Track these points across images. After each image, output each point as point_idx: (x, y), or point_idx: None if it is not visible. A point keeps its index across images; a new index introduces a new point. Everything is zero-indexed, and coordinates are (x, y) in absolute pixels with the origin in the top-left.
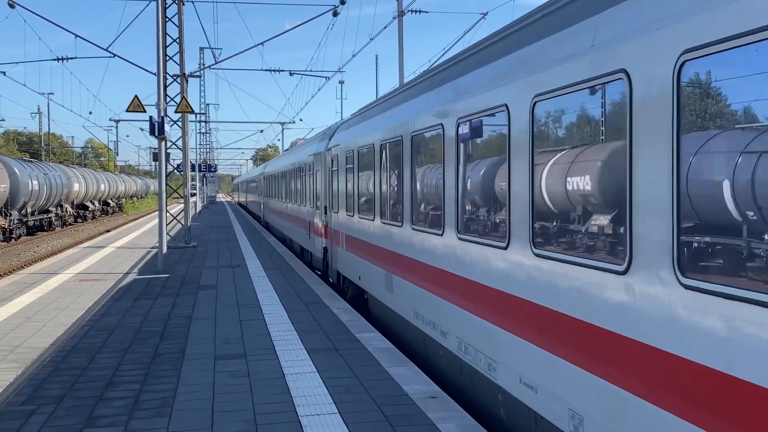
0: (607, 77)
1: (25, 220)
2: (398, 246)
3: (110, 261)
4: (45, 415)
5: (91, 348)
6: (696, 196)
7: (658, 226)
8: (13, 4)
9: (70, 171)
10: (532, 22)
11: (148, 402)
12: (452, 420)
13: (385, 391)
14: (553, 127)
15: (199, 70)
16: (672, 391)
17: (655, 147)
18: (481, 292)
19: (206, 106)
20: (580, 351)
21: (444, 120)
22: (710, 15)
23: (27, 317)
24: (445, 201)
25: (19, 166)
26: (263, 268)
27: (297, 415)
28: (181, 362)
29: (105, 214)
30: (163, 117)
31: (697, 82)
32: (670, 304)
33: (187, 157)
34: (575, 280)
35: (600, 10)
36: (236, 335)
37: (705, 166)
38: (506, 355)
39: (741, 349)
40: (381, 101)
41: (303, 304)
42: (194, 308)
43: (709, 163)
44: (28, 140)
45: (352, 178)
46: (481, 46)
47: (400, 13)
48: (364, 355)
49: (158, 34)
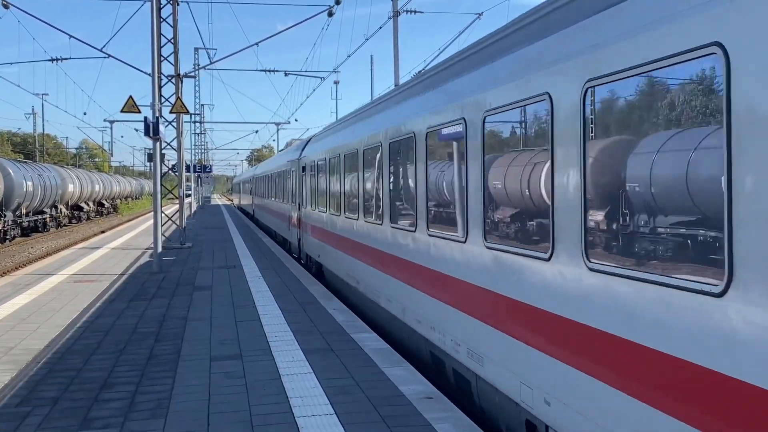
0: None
1: (20, 221)
2: (339, 230)
3: (105, 262)
4: (40, 417)
5: (87, 349)
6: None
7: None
8: (7, 5)
9: (65, 172)
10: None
11: (143, 403)
12: (448, 420)
13: (382, 392)
14: (498, 136)
15: (194, 70)
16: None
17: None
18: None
19: (201, 106)
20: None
21: (357, 141)
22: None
23: (22, 319)
24: (349, 195)
25: (13, 167)
26: (258, 269)
27: (293, 416)
28: (177, 363)
29: (100, 215)
30: (158, 117)
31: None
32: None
33: (182, 158)
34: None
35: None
36: (232, 336)
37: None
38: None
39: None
40: (337, 123)
41: (299, 304)
42: (189, 309)
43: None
44: (23, 141)
45: (316, 182)
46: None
47: (395, 14)
48: (360, 356)
49: (153, 35)
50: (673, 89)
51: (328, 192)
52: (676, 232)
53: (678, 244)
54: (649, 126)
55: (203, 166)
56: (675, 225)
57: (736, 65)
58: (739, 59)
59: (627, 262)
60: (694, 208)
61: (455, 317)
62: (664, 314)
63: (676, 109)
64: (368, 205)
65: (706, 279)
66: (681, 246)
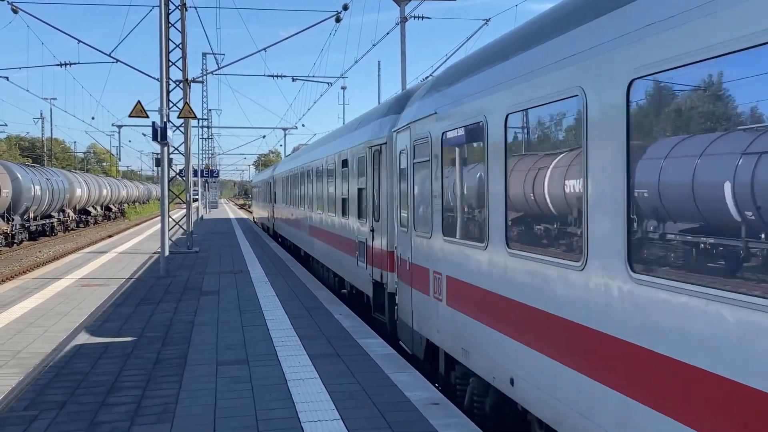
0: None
1: (28, 225)
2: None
3: (112, 266)
4: (47, 421)
5: (93, 353)
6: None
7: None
8: (16, 9)
9: (73, 176)
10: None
11: (150, 408)
12: (454, 426)
13: (388, 398)
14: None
15: (202, 75)
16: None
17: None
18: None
19: (209, 111)
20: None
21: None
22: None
23: (29, 322)
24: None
25: (21, 171)
26: (265, 274)
27: (299, 422)
28: (183, 368)
29: (107, 219)
30: (166, 122)
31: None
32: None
33: (190, 163)
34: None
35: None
36: (238, 341)
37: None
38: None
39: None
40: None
41: (305, 309)
42: (196, 314)
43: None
44: (31, 145)
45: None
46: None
47: (402, 19)
48: (367, 361)
49: (161, 40)
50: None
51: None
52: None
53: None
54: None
55: (210, 171)
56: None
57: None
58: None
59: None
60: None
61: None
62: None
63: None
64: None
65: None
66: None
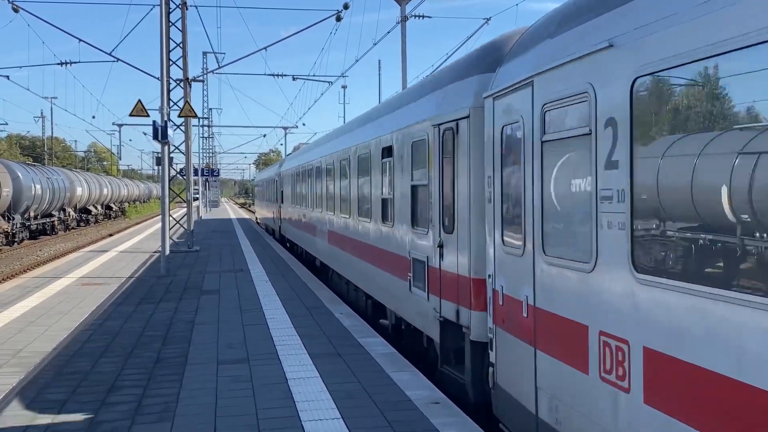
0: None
1: (28, 224)
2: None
3: (113, 265)
4: (48, 420)
5: (94, 352)
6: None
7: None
8: (17, 8)
9: (73, 175)
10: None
11: (150, 407)
12: (455, 426)
13: (388, 397)
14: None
15: (203, 74)
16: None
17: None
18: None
19: (209, 110)
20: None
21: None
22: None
23: (29, 321)
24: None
25: (22, 170)
26: (266, 273)
27: (300, 420)
28: (184, 367)
29: (108, 218)
30: (167, 121)
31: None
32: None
33: (190, 162)
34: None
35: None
36: (239, 340)
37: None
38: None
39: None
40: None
41: (306, 308)
42: (197, 313)
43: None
44: (31, 144)
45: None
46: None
47: (403, 18)
48: (367, 360)
49: (162, 39)
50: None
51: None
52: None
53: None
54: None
55: (211, 170)
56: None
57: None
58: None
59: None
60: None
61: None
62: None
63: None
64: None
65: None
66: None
